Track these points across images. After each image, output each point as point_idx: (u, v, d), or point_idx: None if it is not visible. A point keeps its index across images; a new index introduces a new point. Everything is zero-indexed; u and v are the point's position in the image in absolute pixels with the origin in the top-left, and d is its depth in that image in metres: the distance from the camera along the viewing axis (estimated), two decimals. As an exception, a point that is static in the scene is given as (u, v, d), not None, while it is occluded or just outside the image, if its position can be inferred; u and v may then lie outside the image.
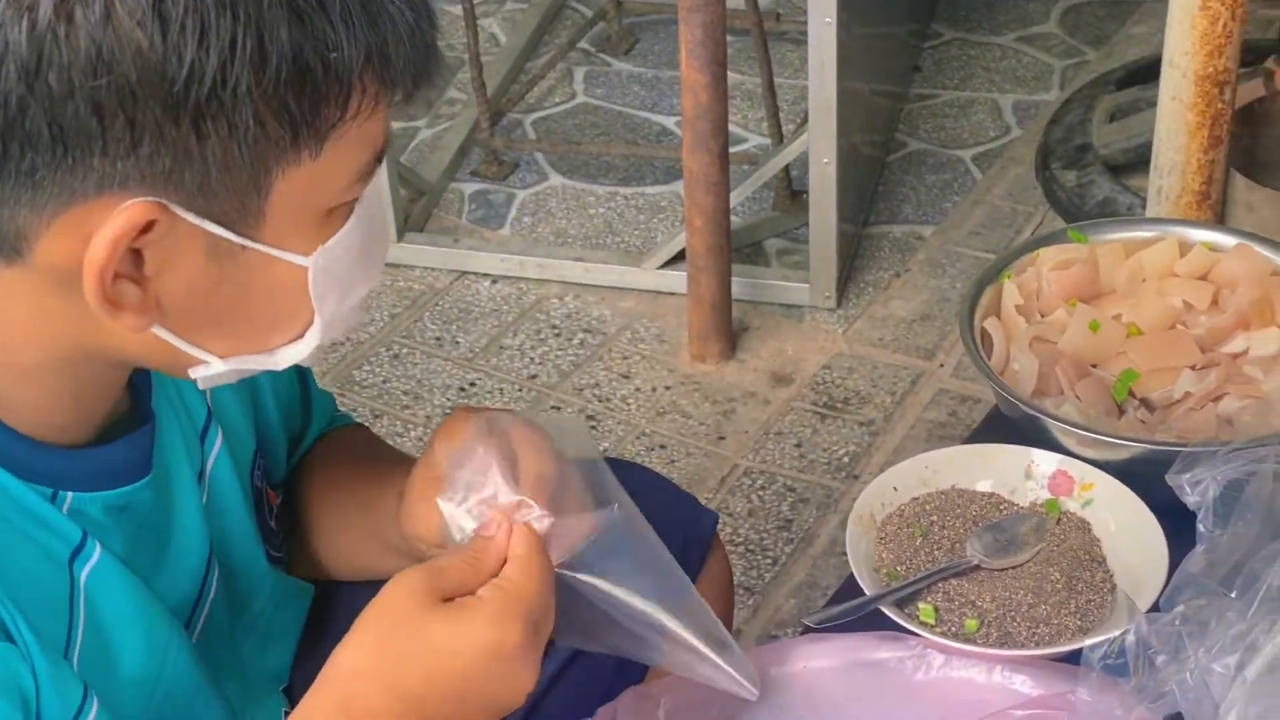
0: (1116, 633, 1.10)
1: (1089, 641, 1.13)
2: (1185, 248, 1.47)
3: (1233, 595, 1.06)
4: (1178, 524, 1.20)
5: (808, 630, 1.23)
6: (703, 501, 2.39)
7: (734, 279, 2.66)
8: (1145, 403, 1.39)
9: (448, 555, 1.02)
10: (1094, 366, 1.41)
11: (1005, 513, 1.30)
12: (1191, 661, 1.04)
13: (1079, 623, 1.21)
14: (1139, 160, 2.62)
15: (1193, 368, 1.39)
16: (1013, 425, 1.38)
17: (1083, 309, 1.43)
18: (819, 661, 1.19)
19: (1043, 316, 1.45)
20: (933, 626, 1.20)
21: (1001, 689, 1.16)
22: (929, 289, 2.80)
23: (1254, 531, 1.11)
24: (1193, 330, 1.42)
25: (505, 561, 1.01)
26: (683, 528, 1.35)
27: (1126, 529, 1.27)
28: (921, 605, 1.22)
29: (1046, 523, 1.29)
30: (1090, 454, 1.31)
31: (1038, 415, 1.33)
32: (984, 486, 1.32)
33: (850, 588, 1.25)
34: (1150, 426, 1.36)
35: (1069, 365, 1.38)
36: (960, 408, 2.54)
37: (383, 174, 1.00)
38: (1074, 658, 1.14)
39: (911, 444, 2.47)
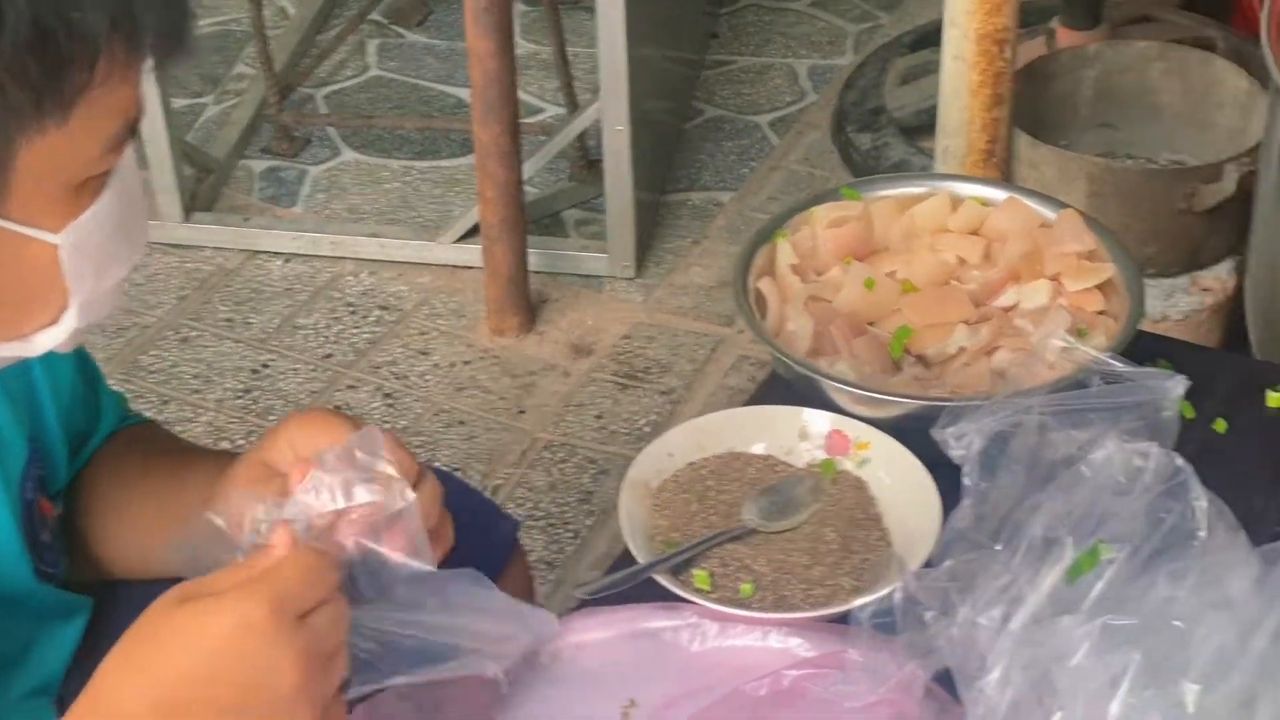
0: (887, 590, 1.10)
1: (860, 601, 1.12)
2: (957, 202, 1.47)
3: (998, 548, 1.06)
4: (955, 480, 1.20)
5: (583, 603, 1.21)
6: (502, 477, 2.38)
7: (531, 251, 2.63)
8: (921, 359, 1.38)
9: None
10: (870, 324, 1.40)
11: (781, 474, 1.28)
12: (959, 615, 1.04)
13: (854, 583, 1.19)
14: (931, 122, 2.63)
15: (967, 323, 1.38)
16: (791, 387, 1.37)
17: (857, 267, 1.42)
18: (593, 635, 1.17)
19: (818, 275, 1.43)
20: (707, 593, 1.18)
21: (777, 653, 1.15)
22: (728, 255, 2.79)
23: (1019, 483, 1.11)
24: (966, 285, 1.42)
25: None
26: (482, 536, 1.33)
27: (902, 487, 1.26)
28: (696, 572, 1.20)
29: (822, 483, 1.27)
30: (866, 412, 1.30)
31: (812, 375, 1.32)
32: (759, 449, 1.31)
33: (628, 558, 1.23)
34: (925, 383, 1.36)
35: (845, 324, 1.37)
36: (760, 373, 2.53)
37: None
38: (850, 618, 1.13)
39: (713, 410, 2.44)
